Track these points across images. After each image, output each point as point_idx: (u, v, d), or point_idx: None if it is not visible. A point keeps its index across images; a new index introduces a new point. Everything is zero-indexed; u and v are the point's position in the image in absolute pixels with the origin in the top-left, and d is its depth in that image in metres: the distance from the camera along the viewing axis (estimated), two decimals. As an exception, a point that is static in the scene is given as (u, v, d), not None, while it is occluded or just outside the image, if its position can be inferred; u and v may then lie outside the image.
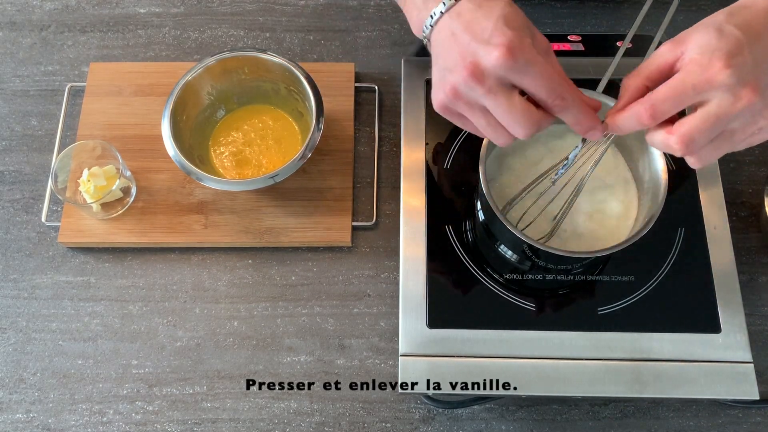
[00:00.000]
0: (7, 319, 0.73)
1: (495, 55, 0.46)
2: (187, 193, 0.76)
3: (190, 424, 0.68)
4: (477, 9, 0.49)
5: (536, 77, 0.47)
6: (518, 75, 0.47)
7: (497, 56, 0.46)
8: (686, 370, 0.64)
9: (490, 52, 0.46)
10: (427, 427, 0.68)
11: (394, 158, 0.79)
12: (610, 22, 0.86)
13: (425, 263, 0.68)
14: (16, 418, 0.69)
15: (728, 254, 0.68)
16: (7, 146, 0.80)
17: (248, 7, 0.88)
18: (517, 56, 0.46)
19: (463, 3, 0.50)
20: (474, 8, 0.49)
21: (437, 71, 0.52)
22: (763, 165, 0.78)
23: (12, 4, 0.88)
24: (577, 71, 0.75)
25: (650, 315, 0.66)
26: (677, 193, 0.70)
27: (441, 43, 0.51)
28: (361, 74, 0.83)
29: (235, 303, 0.73)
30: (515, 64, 0.46)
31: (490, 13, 0.48)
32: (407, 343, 0.65)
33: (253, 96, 0.78)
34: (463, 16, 0.50)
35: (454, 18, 0.50)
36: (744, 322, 0.65)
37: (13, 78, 0.84)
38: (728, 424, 0.68)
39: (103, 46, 0.85)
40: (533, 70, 0.47)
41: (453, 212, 0.71)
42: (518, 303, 0.67)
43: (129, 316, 0.72)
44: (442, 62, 0.51)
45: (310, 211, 0.75)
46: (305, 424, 0.68)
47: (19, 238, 0.76)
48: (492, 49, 0.46)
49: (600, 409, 0.69)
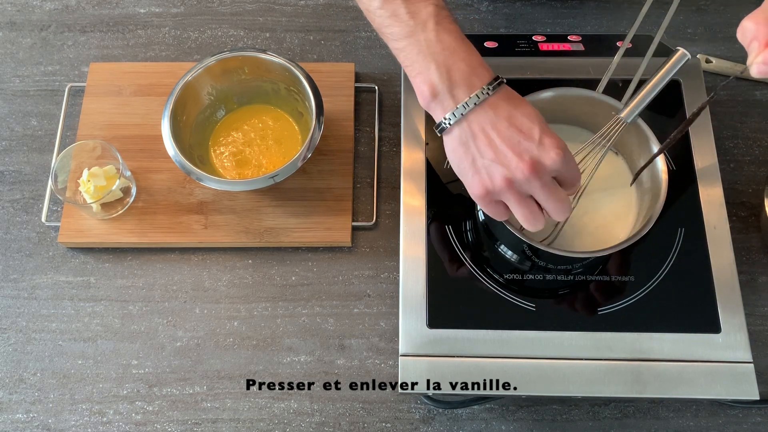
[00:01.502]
0: (7, 319, 0.73)
1: (553, 157, 0.54)
2: (187, 193, 0.76)
3: (190, 424, 0.68)
4: (513, 108, 0.56)
5: (574, 170, 0.57)
6: (565, 170, 0.56)
7: (555, 157, 0.54)
8: (686, 370, 0.64)
9: (549, 153, 0.54)
10: (427, 427, 0.68)
11: (394, 158, 0.79)
12: (610, 22, 0.86)
13: (425, 263, 0.68)
14: (16, 418, 0.69)
15: (728, 254, 0.68)
16: (7, 146, 0.80)
17: (248, 7, 0.88)
18: (568, 157, 0.56)
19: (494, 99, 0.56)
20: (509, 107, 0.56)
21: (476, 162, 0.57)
22: (763, 165, 0.78)
23: (12, 4, 0.88)
24: (577, 71, 0.75)
25: (650, 315, 0.66)
26: (677, 193, 0.70)
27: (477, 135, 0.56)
28: (361, 74, 0.83)
29: (235, 303, 0.73)
30: (568, 164, 0.56)
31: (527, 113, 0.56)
32: (407, 343, 0.65)
33: (253, 96, 0.78)
34: (501, 111, 0.56)
35: (489, 111, 0.56)
36: (744, 322, 0.65)
37: (13, 78, 0.84)
38: (728, 424, 0.68)
39: (103, 46, 0.85)
40: (573, 164, 0.57)
41: (453, 212, 0.71)
42: (518, 303, 0.67)
43: (129, 316, 0.72)
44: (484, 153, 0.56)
45: (310, 211, 0.75)
46: (305, 424, 0.68)
47: (19, 238, 0.76)
48: (550, 150, 0.54)
49: (600, 409, 0.69)
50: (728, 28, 0.84)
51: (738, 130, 0.80)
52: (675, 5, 0.63)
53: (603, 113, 0.66)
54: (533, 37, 0.80)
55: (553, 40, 0.80)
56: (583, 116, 0.69)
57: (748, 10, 0.52)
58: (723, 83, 0.63)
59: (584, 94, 0.67)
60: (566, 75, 0.76)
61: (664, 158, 0.63)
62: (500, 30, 0.86)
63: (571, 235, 0.66)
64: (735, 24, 0.87)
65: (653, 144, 0.64)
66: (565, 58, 0.78)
